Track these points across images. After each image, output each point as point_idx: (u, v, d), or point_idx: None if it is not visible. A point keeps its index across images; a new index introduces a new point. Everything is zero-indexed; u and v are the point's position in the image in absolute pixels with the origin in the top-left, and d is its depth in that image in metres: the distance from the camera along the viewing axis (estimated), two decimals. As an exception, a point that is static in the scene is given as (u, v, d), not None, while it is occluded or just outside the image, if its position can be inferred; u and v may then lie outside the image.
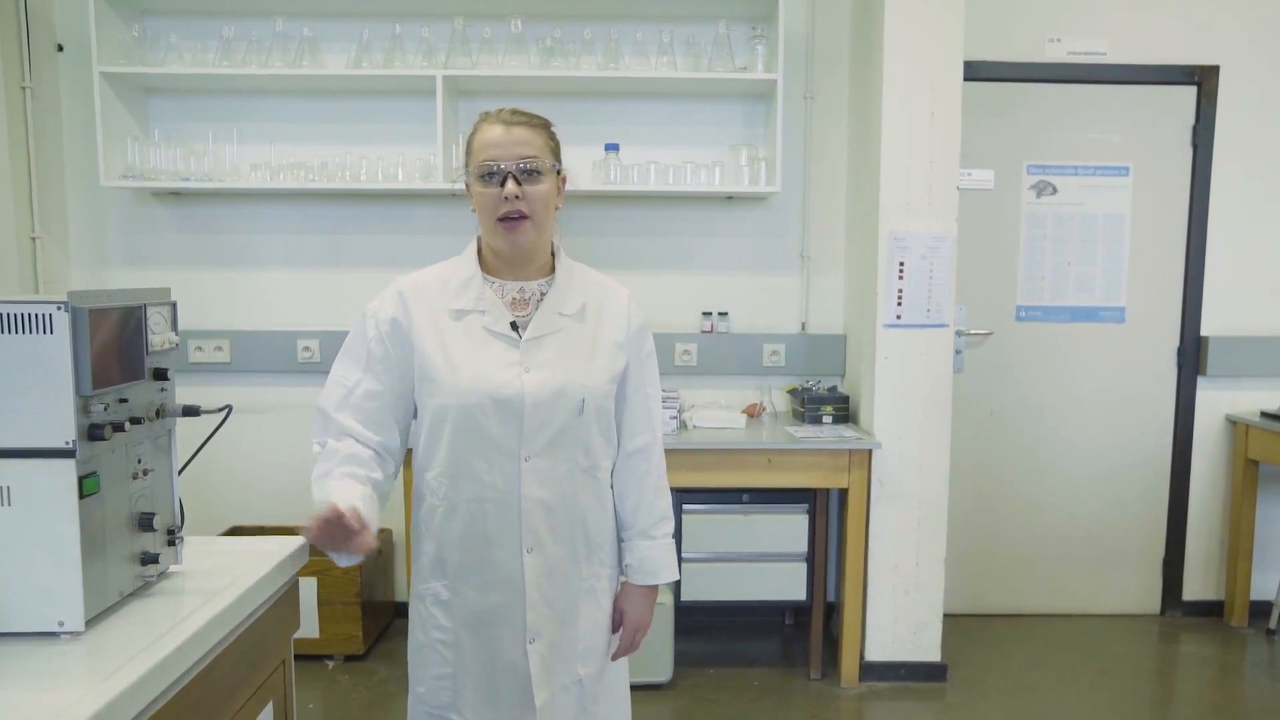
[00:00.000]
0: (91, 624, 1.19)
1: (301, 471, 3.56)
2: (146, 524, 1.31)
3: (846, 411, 3.35)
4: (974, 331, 3.69)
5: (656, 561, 1.68)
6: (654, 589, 1.71)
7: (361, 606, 3.23)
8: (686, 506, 3.16)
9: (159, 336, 1.34)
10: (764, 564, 3.20)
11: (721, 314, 3.59)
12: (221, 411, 1.45)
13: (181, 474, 1.44)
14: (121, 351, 1.24)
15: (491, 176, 1.51)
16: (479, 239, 1.64)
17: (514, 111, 1.56)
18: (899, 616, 3.21)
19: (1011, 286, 3.72)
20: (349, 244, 3.56)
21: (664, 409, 2.16)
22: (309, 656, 3.23)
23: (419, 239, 3.55)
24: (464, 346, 1.54)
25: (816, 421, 3.31)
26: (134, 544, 1.29)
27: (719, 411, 3.32)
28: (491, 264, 1.61)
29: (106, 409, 1.20)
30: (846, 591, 3.17)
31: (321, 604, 3.20)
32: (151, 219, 3.53)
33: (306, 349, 3.54)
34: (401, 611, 3.62)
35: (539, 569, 1.56)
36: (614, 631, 1.69)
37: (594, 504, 1.63)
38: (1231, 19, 3.60)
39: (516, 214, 1.51)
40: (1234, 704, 3.12)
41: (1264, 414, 3.59)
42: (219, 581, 1.36)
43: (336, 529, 1.33)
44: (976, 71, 3.39)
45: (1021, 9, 3.60)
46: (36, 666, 1.09)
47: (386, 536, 3.58)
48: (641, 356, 1.67)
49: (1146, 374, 3.76)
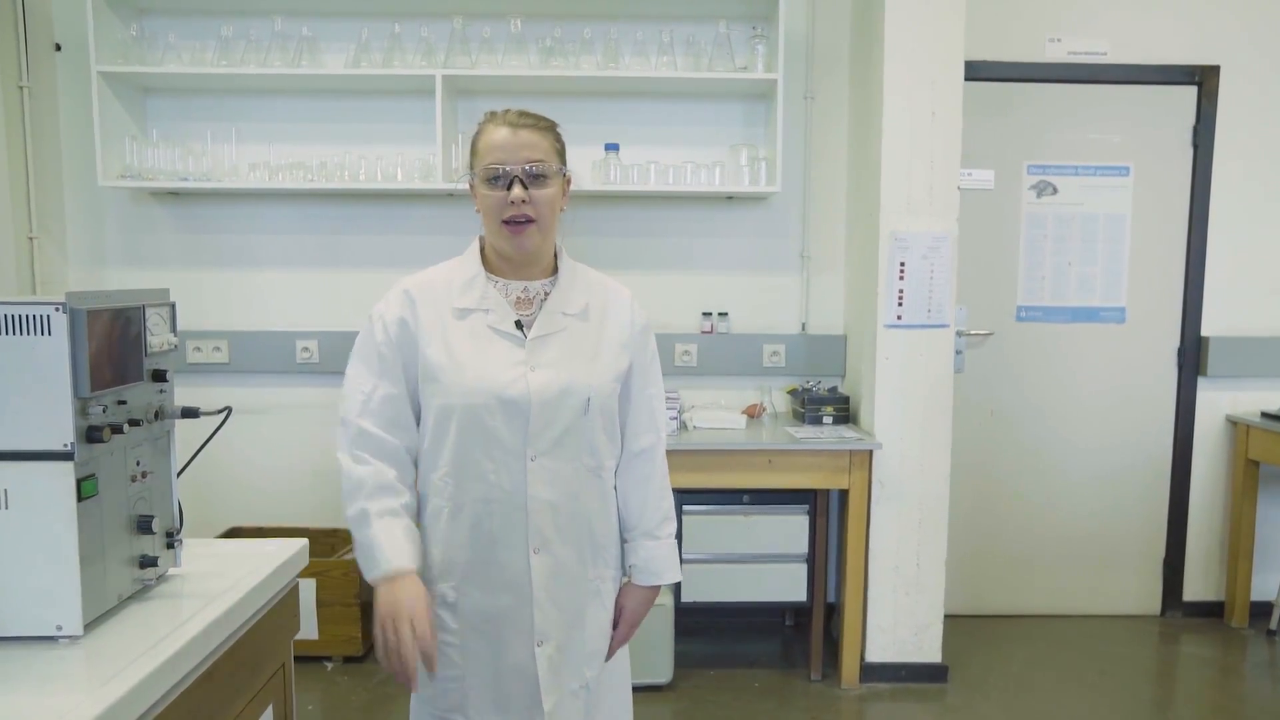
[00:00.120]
0: (90, 628, 1.18)
1: (301, 472, 3.59)
2: (145, 527, 1.30)
3: (847, 412, 3.34)
4: (974, 332, 3.68)
5: (661, 562, 1.67)
6: (656, 589, 1.70)
7: (361, 608, 3.22)
8: (687, 507, 3.15)
9: (158, 338, 1.33)
10: (764, 565, 3.19)
11: (721, 314, 3.58)
12: (221, 413, 1.44)
13: (180, 476, 1.43)
14: (120, 353, 1.23)
15: (498, 180, 1.50)
16: (481, 238, 1.63)
17: (520, 113, 1.54)
18: (899, 618, 3.20)
19: (1012, 287, 3.71)
20: (348, 244, 3.55)
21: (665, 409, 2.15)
22: (308, 658, 3.22)
23: (418, 239, 3.54)
24: (468, 345, 1.52)
25: (817, 422, 3.31)
26: (133, 547, 1.29)
27: (719, 412, 3.31)
28: (495, 263, 1.60)
29: (105, 411, 1.19)
30: (847, 592, 3.17)
31: (320, 605, 3.19)
32: (150, 219, 3.52)
33: (305, 349, 3.53)
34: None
35: (546, 570, 1.55)
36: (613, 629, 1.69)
37: (599, 505, 1.62)
38: (1232, 19, 3.59)
39: (522, 218, 1.50)
40: (1234, 705, 3.11)
41: (1264, 414, 3.58)
42: (219, 584, 1.35)
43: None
44: (977, 71, 3.39)
45: (1022, 9, 3.59)
46: (34, 671, 1.08)
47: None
48: (645, 357, 1.66)
49: (1147, 374, 3.76)
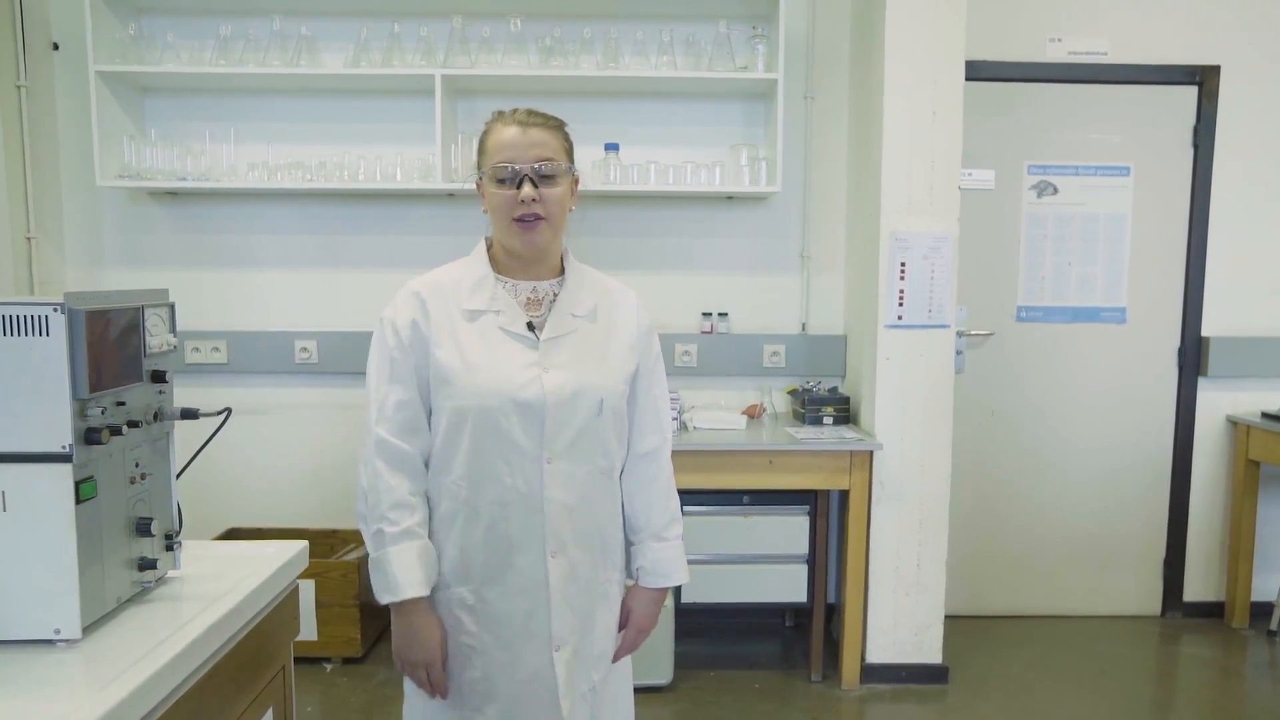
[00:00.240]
0: (89, 631, 1.17)
1: (300, 472, 3.58)
2: (144, 529, 1.29)
3: (847, 412, 3.33)
4: (974, 332, 3.68)
5: (669, 564, 1.67)
6: (663, 591, 1.69)
7: (360, 609, 3.21)
8: (686, 508, 3.10)
9: (157, 338, 1.32)
10: (764, 565, 3.18)
11: (721, 314, 3.57)
12: (220, 414, 1.43)
13: (179, 478, 1.42)
14: (119, 354, 1.22)
15: (507, 179, 1.49)
16: (487, 239, 1.61)
17: (529, 112, 1.54)
18: (900, 618, 3.19)
19: (1012, 287, 3.71)
20: (347, 244, 3.54)
21: (666, 410, 2.14)
22: (307, 659, 3.21)
23: (418, 239, 3.53)
24: (480, 347, 1.51)
25: (817, 422, 3.30)
26: (132, 549, 1.28)
27: (719, 412, 3.31)
28: (504, 264, 1.59)
29: (104, 412, 1.18)
30: (848, 593, 3.16)
31: (320, 606, 3.18)
32: (148, 219, 3.51)
33: (304, 350, 3.52)
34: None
35: (562, 574, 1.54)
36: (618, 631, 1.68)
37: (609, 506, 1.62)
38: (1232, 19, 3.59)
39: (532, 216, 1.50)
40: (1235, 705, 3.11)
41: (1265, 415, 3.58)
42: (218, 587, 1.34)
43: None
44: (977, 71, 3.38)
45: (1022, 9, 3.59)
46: (32, 675, 1.07)
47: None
48: (651, 359, 1.66)
49: (1147, 374, 3.76)
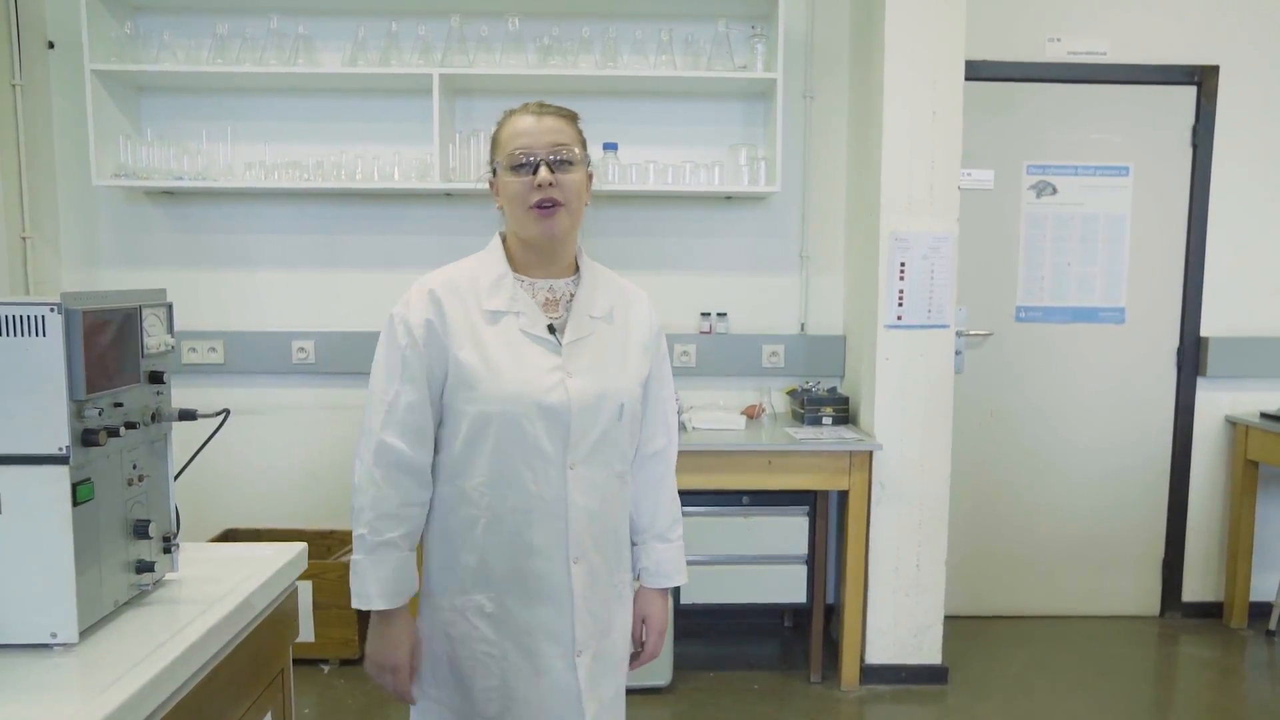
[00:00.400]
0: (85, 635, 1.16)
1: (297, 473, 3.57)
2: (142, 531, 1.27)
3: (846, 413, 3.33)
4: (974, 332, 3.67)
5: (672, 564, 1.68)
6: (666, 591, 1.70)
7: (357, 610, 3.18)
8: (685, 508, 3.06)
9: (154, 339, 1.30)
10: (764, 566, 3.17)
11: (720, 314, 3.57)
12: (219, 416, 1.42)
13: (177, 479, 1.41)
14: (116, 354, 1.21)
15: (524, 166, 1.47)
16: (502, 235, 1.58)
17: (542, 103, 1.53)
18: (899, 619, 3.19)
19: (1011, 287, 3.70)
20: (345, 244, 3.53)
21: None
22: (304, 660, 3.20)
23: (415, 239, 3.51)
24: (502, 350, 1.47)
25: (816, 423, 3.30)
26: (129, 552, 1.26)
27: (718, 413, 3.30)
28: (520, 261, 1.55)
29: (101, 414, 1.17)
30: (847, 594, 3.15)
31: (317, 608, 3.17)
32: (144, 219, 3.49)
33: (301, 350, 3.50)
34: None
35: (584, 579, 1.52)
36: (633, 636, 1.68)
37: (623, 509, 1.61)
38: (1231, 19, 3.59)
39: (550, 201, 1.47)
40: (1234, 706, 3.11)
41: (1264, 415, 3.58)
42: (217, 589, 1.33)
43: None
44: (976, 71, 3.37)
45: (1022, 9, 3.58)
46: (29, 680, 1.06)
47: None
48: (660, 360, 1.65)
49: (1146, 375, 3.75)
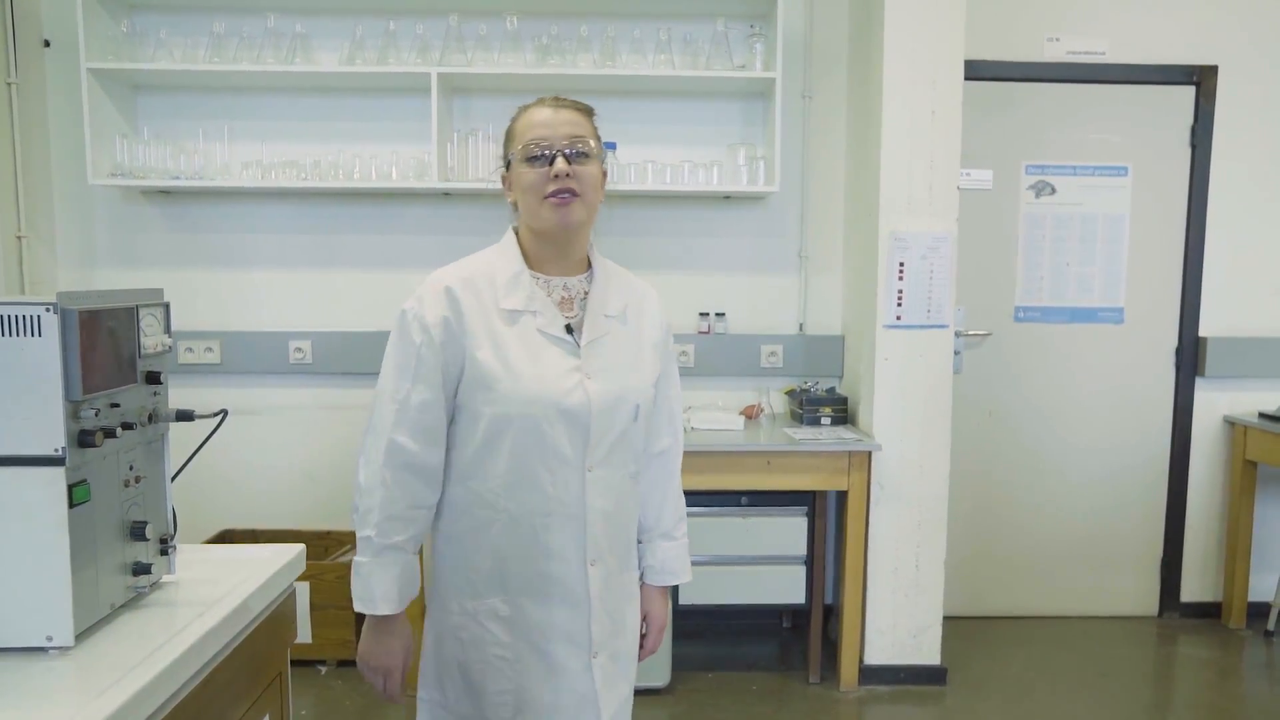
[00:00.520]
0: (81, 638, 1.14)
1: (294, 474, 3.55)
2: (139, 533, 1.26)
3: (845, 413, 3.32)
4: (972, 332, 3.67)
5: (677, 562, 1.68)
6: (668, 589, 1.70)
7: (354, 611, 3.17)
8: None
9: (152, 339, 1.29)
10: (763, 567, 3.17)
11: (719, 314, 3.56)
12: (216, 416, 1.41)
13: (174, 480, 1.39)
14: (113, 355, 1.20)
15: (540, 157, 1.45)
16: (515, 230, 1.56)
17: (557, 97, 1.52)
18: (898, 619, 3.18)
19: (1010, 287, 3.70)
20: (342, 244, 3.51)
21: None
22: (301, 662, 3.18)
23: (413, 239, 3.50)
24: (521, 350, 1.45)
25: (815, 423, 3.29)
26: (125, 554, 1.25)
27: (717, 413, 3.29)
28: (534, 257, 1.52)
29: (97, 414, 1.16)
30: (846, 594, 3.15)
31: (314, 609, 3.16)
32: (140, 218, 3.47)
33: (298, 350, 3.49)
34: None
35: (600, 581, 1.51)
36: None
37: (634, 509, 1.61)
38: (1230, 19, 3.59)
39: (567, 191, 1.44)
40: (1232, 706, 3.11)
41: (1262, 415, 3.58)
42: (214, 592, 1.32)
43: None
44: (975, 71, 3.37)
45: (1021, 8, 3.58)
46: (23, 684, 1.04)
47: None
48: (668, 359, 1.64)
49: (1145, 375, 3.75)
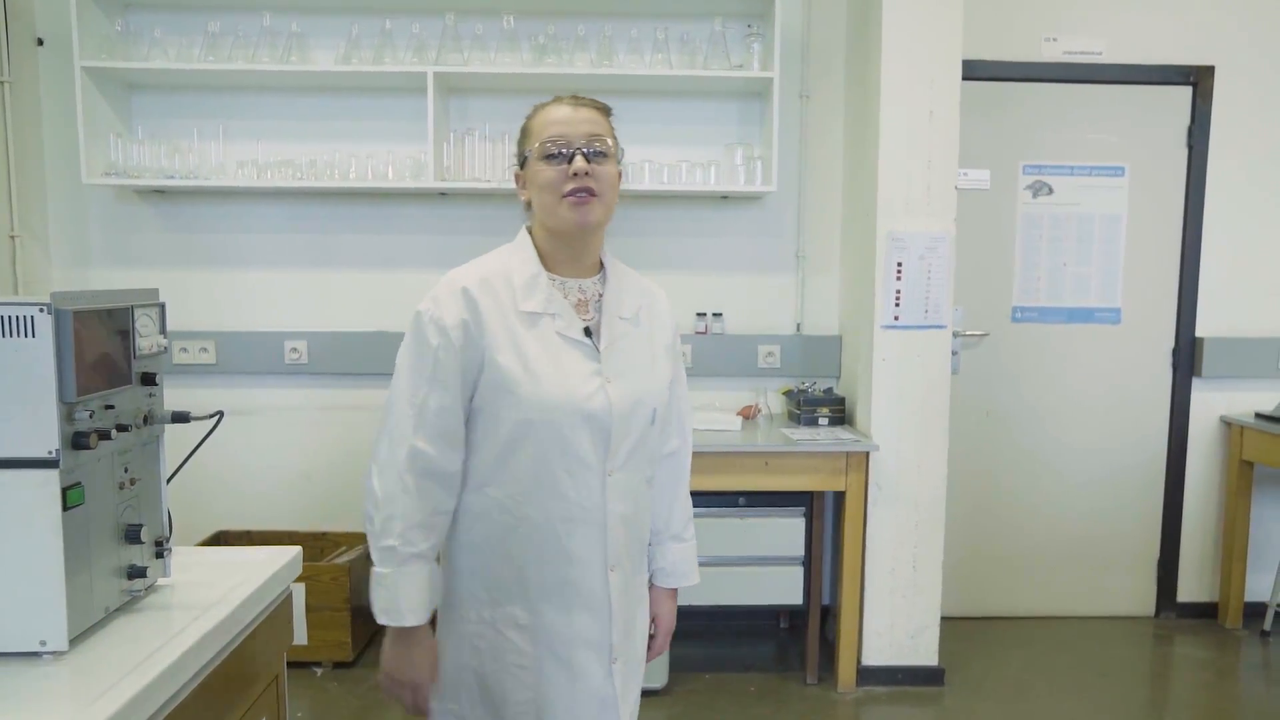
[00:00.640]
0: (76, 643, 1.13)
1: (289, 475, 3.54)
2: (134, 536, 1.25)
3: (842, 413, 3.31)
4: (970, 332, 3.66)
5: (687, 564, 1.67)
6: (675, 591, 1.69)
7: (351, 613, 3.17)
8: (682, 510, 3.11)
9: (147, 340, 1.28)
10: (760, 567, 3.16)
11: (716, 315, 3.55)
12: (212, 418, 1.39)
13: (169, 482, 1.38)
14: (108, 356, 1.19)
15: (558, 155, 1.42)
16: (529, 230, 1.53)
17: (576, 95, 1.50)
18: (896, 620, 3.18)
19: (1007, 287, 3.70)
20: (338, 243, 3.50)
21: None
22: (297, 664, 3.17)
23: (409, 238, 3.49)
24: (542, 354, 1.42)
25: (812, 423, 3.28)
26: (120, 557, 1.24)
27: (714, 413, 3.28)
28: (549, 258, 1.49)
29: (92, 416, 1.15)
30: (844, 595, 3.14)
31: (310, 610, 3.14)
32: (135, 218, 3.45)
33: (294, 350, 3.48)
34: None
35: (619, 586, 1.50)
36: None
37: (648, 513, 1.60)
38: (1227, 19, 3.59)
39: (586, 190, 1.41)
40: (1229, 706, 3.11)
41: (1258, 415, 3.59)
42: (210, 595, 1.31)
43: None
44: (972, 70, 3.36)
45: (1018, 8, 3.58)
46: (17, 689, 1.03)
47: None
48: (677, 360, 1.63)
49: (1142, 375, 3.75)
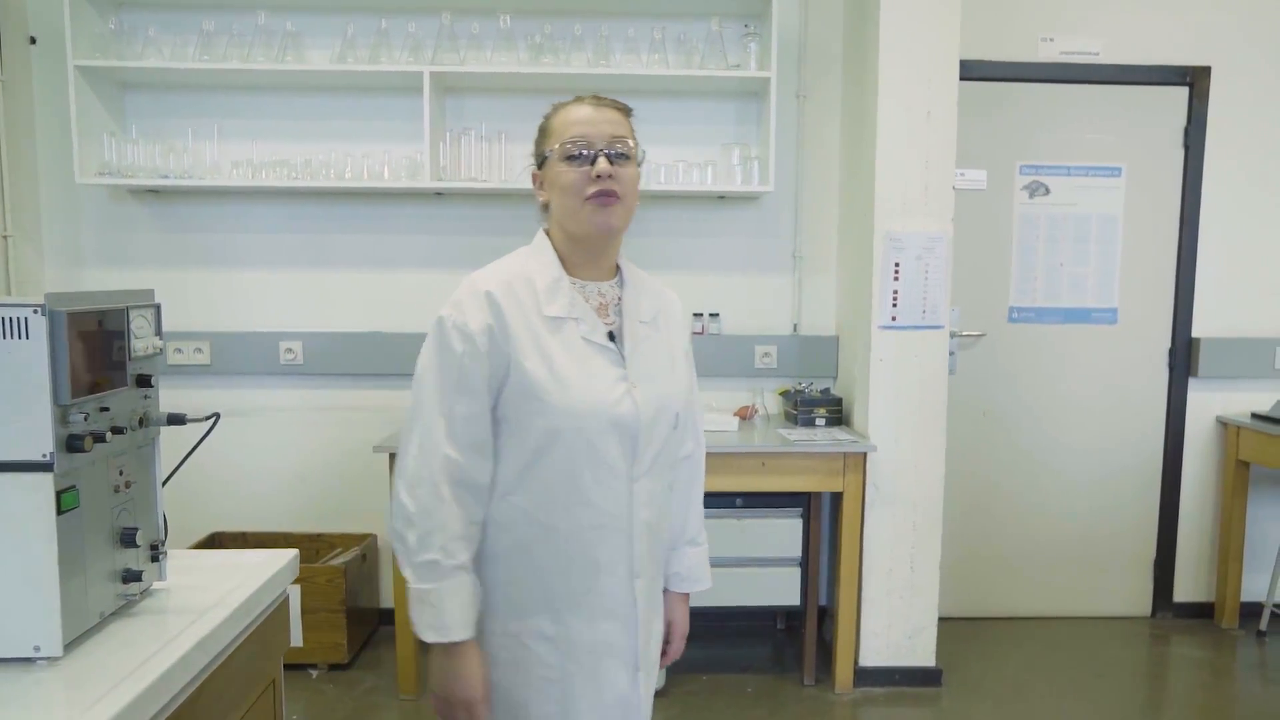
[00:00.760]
0: (70, 648, 1.12)
1: (285, 476, 3.53)
2: (129, 539, 1.24)
3: (840, 414, 3.31)
4: (967, 333, 3.66)
5: (702, 568, 1.66)
6: (688, 595, 1.68)
7: (346, 614, 3.15)
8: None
9: (142, 341, 1.27)
10: (757, 568, 3.15)
11: (713, 315, 3.54)
12: (208, 420, 1.38)
13: (165, 485, 1.37)
14: (102, 357, 1.17)
15: (580, 157, 1.40)
16: (546, 232, 1.51)
17: (597, 95, 1.48)
18: (894, 621, 3.17)
19: (1004, 287, 3.69)
20: (333, 243, 3.48)
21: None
22: (292, 666, 3.15)
23: (405, 239, 3.48)
24: (568, 360, 1.39)
25: (809, 424, 3.28)
26: (115, 561, 1.23)
27: (711, 414, 3.27)
28: (568, 261, 1.47)
29: (86, 418, 1.13)
30: (841, 596, 3.13)
31: (305, 612, 3.08)
32: (129, 218, 3.44)
33: (289, 350, 3.46)
34: (387, 619, 3.54)
35: (644, 594, 1.48)
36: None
37: (669, 519, 1.58)
38: (1224, 20, 3.59)
39: (609, 193, 1.39)
40: (1226, 706, 3.11)
41: (1255, 415, 3.59)
42: (206, 599, 1.29)
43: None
44: (969, 70, 3.36)
45: (1015, 8, 3.57)
46: (10, 696, 1.02)
47: (371, 543, 3.50)
48: (691, 362, 1.62)
49: (1138, 375, 3.76)
